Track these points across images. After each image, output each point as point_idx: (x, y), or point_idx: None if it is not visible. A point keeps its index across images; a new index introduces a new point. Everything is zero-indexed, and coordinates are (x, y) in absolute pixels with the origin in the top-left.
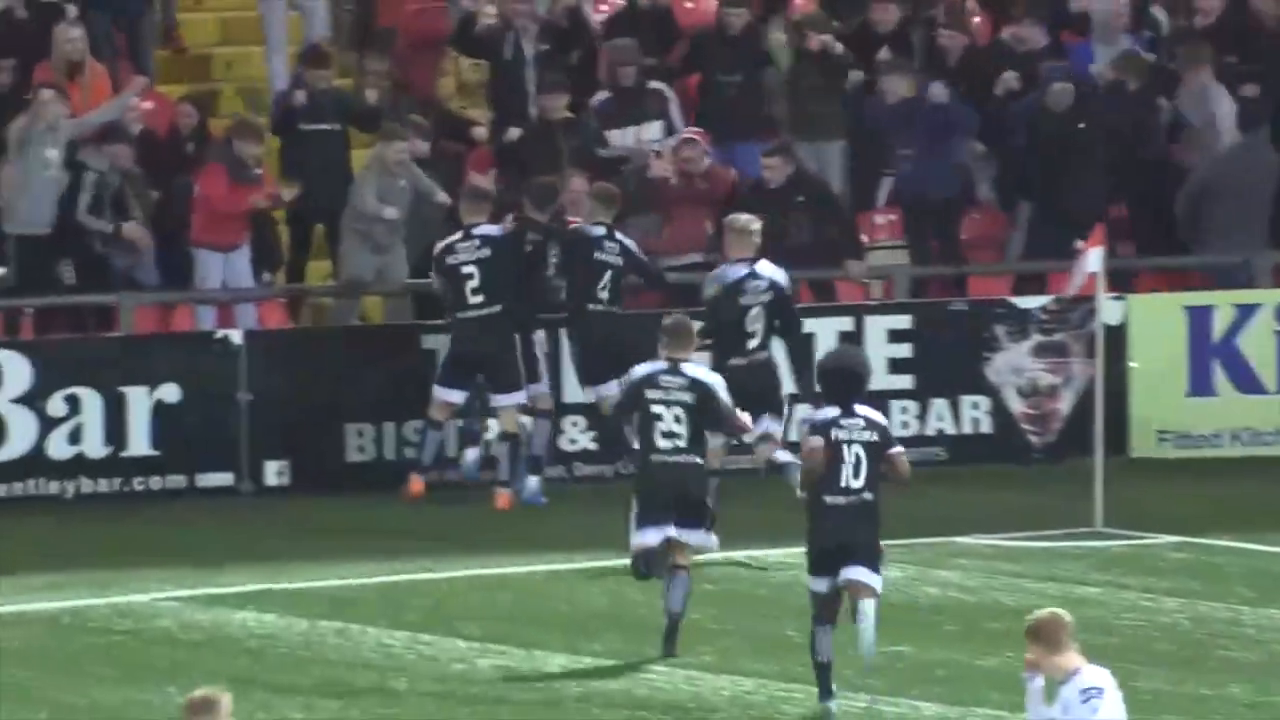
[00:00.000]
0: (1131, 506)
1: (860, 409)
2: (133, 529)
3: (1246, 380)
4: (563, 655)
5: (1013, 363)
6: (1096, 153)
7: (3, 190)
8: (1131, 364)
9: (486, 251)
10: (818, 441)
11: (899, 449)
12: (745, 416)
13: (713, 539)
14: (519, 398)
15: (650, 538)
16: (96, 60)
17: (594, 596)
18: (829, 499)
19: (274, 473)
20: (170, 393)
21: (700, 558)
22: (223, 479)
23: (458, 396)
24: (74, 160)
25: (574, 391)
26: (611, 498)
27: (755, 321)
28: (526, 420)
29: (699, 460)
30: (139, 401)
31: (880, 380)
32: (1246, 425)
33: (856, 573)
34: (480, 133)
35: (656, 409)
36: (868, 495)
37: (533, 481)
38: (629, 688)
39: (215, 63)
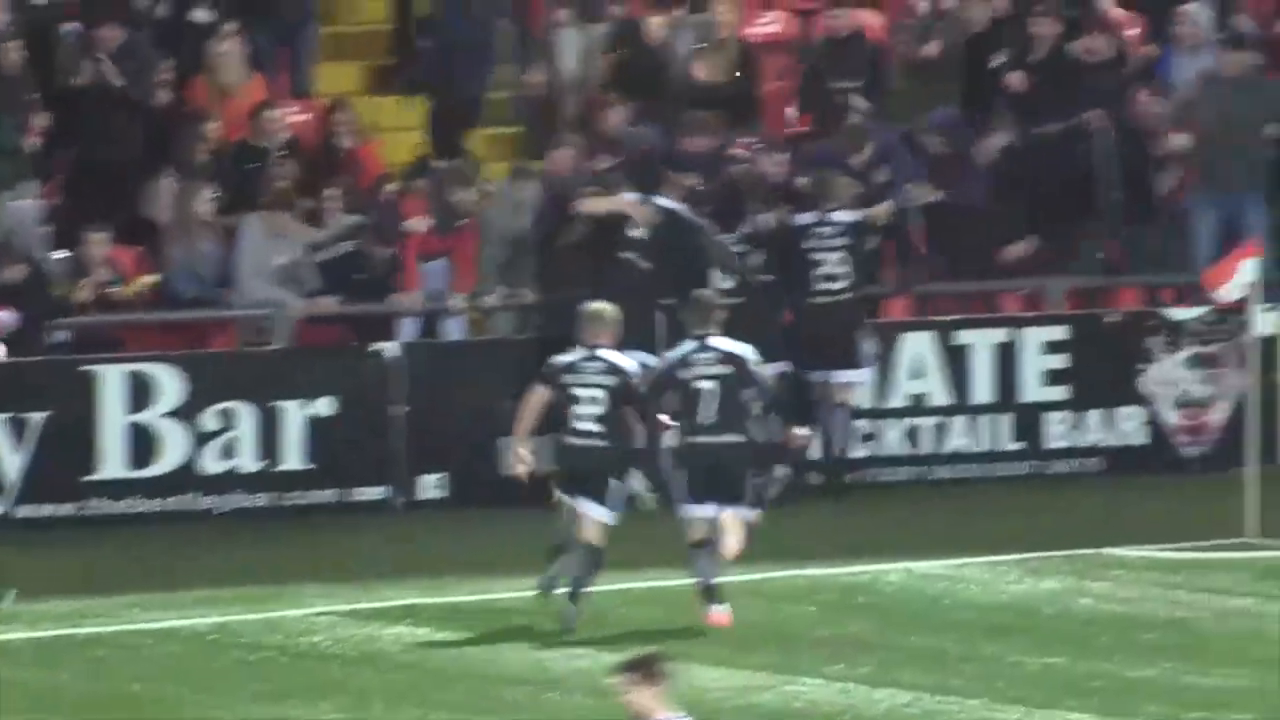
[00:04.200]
0: None
1: None
2: (286, 546)
3: None
4: (718, 669)
5: (1167, 374)
6: None
7: None
8: None
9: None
10: None
11: None
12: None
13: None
14: None
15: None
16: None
17: (750, 610)
18: None
19: (430, 486)
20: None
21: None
22: (377, 493)
23: None
24: None
25: None
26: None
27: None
28: None
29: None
30: (293, 416)
31: (1036, 392)
32: None
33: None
34: None
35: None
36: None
37: None
38: (785, 701)
39: None
